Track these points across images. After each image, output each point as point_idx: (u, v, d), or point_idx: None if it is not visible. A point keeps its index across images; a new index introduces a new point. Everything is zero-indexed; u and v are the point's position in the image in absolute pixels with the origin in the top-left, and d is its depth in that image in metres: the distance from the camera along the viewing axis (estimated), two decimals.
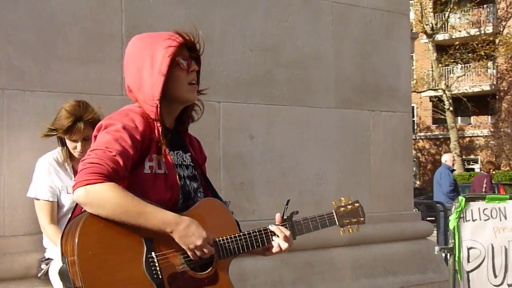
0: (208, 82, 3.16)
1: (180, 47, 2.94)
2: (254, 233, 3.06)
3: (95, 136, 2.89)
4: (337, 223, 3.29)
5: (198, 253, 2.80)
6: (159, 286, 2.74)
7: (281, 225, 3.14)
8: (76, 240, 2.63)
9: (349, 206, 3.33)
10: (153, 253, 2.76)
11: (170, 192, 2.90)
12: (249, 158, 5.42)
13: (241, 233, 3.03)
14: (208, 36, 5.18)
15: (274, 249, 3.10)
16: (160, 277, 2.75)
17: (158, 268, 2.75)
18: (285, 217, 3.17)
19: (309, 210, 3.38)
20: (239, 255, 3.05)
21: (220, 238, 2.96)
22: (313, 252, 5.65)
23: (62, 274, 2.68)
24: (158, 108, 2.89)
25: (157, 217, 2.73)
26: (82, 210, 2.76)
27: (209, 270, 2.91)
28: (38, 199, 4.16)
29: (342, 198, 3.35)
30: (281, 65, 5.65)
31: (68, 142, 4.15)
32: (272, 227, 3.10)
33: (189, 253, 2.80)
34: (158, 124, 2.91)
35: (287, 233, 3.11)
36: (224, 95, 5.29)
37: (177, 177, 2.94)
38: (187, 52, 2.98)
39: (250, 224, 3.42)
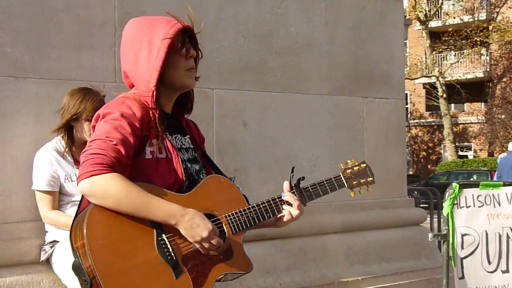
0: (201, 69, 3.14)
1: (178, 33, 2.92)
2: (263, 204, 3.06)
3: (94, 126, 2.89)
4: (345, 185, 3.27)
5: (206, 245, 2.78)
6: (175, 267, 2.75)
7: (290, 193, 3.13)
8: (85, 231, 2.63)
9: (356, 168, 3.31)
10: (163, 235, 2.76)
11: (174, 176, 2.90)
12: (243, 145, 5.41)
13: (250, 206, 3.04)
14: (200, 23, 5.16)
15: (286, 218, 3.10)
16: (174, 258, 2.76)
17: (171, 250, 2.76)
18: (292, 184, 3.16)
19: None
20: (252, 228, 3.06)
21: (230, 213, 2.97)
22: (307, 238, 5.66)
23: (76, 268, 2.69)
24: (154, 94, 2.88)
25: (161, 209, 2.73)
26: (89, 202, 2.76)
27: (222, 246, 2.91)
28: (38, 190, 4.15)
29: (348, 161, 3.34)
30: (275, 52, 5.63)
31: (85, 125, 4.11)
32: (285, 196, 3.10)
33: (197, 246, 2.79)
34: (155, 110, 2.90)
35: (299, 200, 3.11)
36: (217, 82, 5.27)
37: (179, 159, 2.94)
38: (186, 38, 2.97)
39: None
